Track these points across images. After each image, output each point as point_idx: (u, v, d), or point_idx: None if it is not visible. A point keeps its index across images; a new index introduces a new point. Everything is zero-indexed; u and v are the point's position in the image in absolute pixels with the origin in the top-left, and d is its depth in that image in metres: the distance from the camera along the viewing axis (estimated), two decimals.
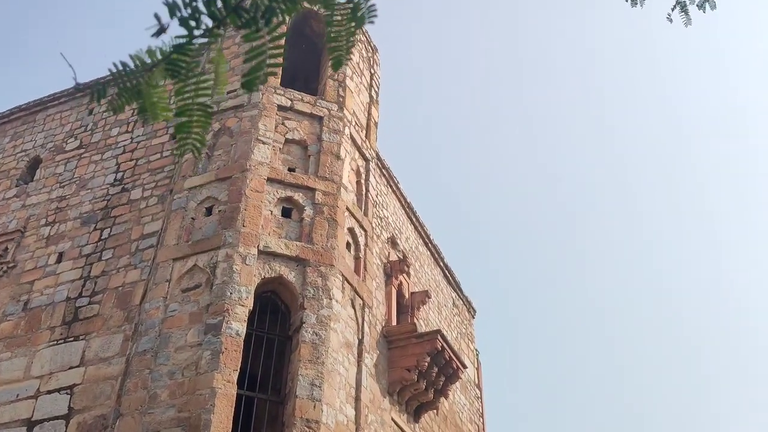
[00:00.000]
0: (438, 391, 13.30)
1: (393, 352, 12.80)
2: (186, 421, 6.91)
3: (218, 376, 7.10)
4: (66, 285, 9.75)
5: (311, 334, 7.87)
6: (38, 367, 9.13)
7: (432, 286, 15.94)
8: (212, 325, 7.46)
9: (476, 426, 17.18)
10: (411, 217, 15.44)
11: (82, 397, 8.62)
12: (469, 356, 17.24)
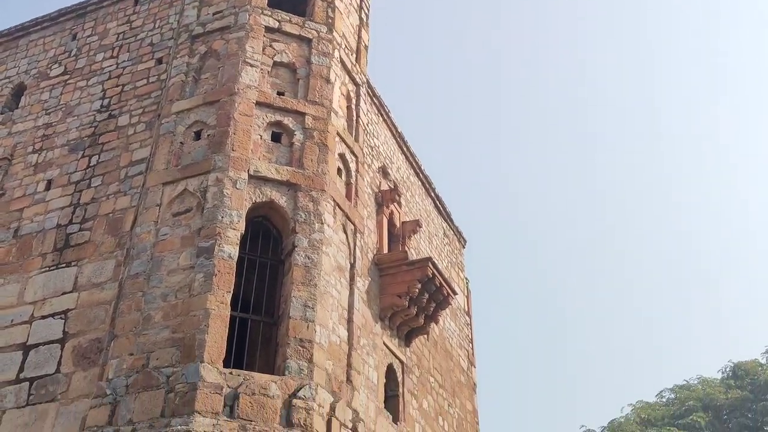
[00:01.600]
0: (428, 317, 13.50)
1: (384, 279, 12.92)
2: (180, 342, 6.99)
3: (211, 297, 7.16)
4: (56, 212, 9.71)
5: (303, 258, 7.90)
6: (31, 293, 9.17)
7: (423, 215, 15.99)
8: (204, 248, 7.47)
9: (466, 351, 17.51)
10: (402, 147, 15.36)
11: (77, 321, 8.70)
12: (459, 285, 17.44)
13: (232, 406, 6.65)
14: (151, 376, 6.78)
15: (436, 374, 15.20)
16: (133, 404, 6.68)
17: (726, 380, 20.97)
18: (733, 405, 19.21)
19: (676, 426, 18.46)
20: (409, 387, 13.52)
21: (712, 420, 18.89)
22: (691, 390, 21.02)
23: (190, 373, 6.67)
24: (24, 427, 8.22)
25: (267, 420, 6.70)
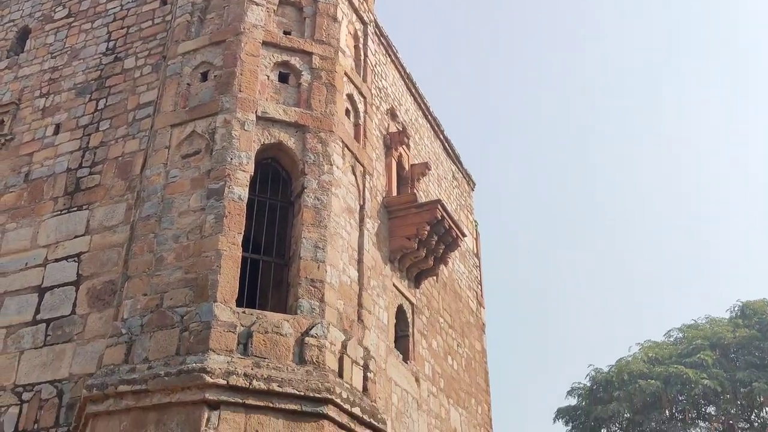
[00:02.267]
0: (438, 259, 13.58)
1: (393, 221, 12.97)
2: (193, 282, 7.07)
3: (223, 238, 7.20)
4: (65, 156, 9.74)
5: (313, 199, 7.91)
6: (44, 236, 9.26)
7: (432, 158, 15.93)
8: (214, 190, 7.49)
9: (474, 293, 17.67)
10: (410, 88, 15.21)
11: (90, 264, 8.81)
12: (468, 227, 17.48)
13: (246, 344, 6.76)
14: (166, 316, 6.88)
15: (446, 315, 15.38)
16: (148, 343, 6.80)
17: (734, 319, 21.10)
18: (741, 343, 19.39)
19: (683, 364, 18.67)
20: (418, 327, 13.70)
21: (719, 358, 19.08)
22: (699, 329, 21.18)
23: (203, 312, 6.77)
24: (42, 367, 8.41)
25: (280, 357, 6.82)
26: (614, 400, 18.94)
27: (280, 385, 6.56)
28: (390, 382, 12.08)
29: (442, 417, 14.27)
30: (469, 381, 16.48)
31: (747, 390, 18.31)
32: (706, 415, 20.56)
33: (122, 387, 6.47)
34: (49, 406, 8.08)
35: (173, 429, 6.26)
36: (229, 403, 6.36)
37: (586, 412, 20.41)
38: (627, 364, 20.28)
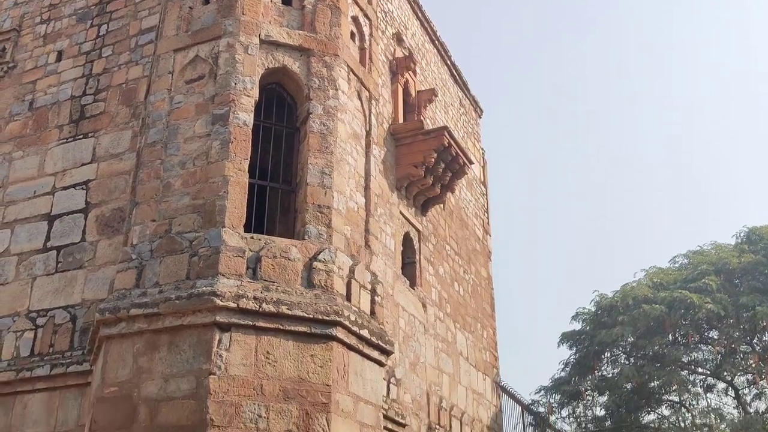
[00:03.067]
0: (444, 187, 13.58)
1: (400, 149, 12.91)
2: (201, 208, 7.11)
3: (229, 164, 7.20)
4: (69, 83, 9.66)
5: (319, 125, 7.86)
6: (51, 164, 9.28)
7: (439, 84, 15.74)
8: (219, 115, 7.44)
9: (481, 221, 17.73)
10: (416, 12, 14.90)
11: (98, 191, 8.85)
12: (475, 155, 17.41)
13: (255, 269, 6.84)
14: (175, 241, 6.95)
15: (452, 242, 15.48)
16: (158, 267, 6.88)
17: (740, 245, 21.05)
18: (746, 269, 19.41)
19: (688, 289, 18.75)
20: (425, 254, 13.81)
21: (723, 283, 19.14)
22: (704, 255, 21.17)
23: (212, 237, 6.82)
24: (54, 293, 8.55)
25: (289, 281, 6.90)
26: (618, 324, 19.10)
27: (289, 308, 6.66)
28: (397, 307, 12.26)
29: (449, 341, 14.53)
30: (475, 306, 16.72)
31: (750, 314, 18.45)
32: (709, 339, 20.81)
33: (134, 310, 6.59)
34: (63, 331, 8.25)
35: (186, 351, 6.40)
36: (239, 326, 6.47)
37: (590, 336, 20.64)
38: (632, 289, 20.37)
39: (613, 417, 22.32)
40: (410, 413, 11.84)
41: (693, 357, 21.34)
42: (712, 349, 21.02)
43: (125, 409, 6.34)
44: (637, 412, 22.08)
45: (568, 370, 22.17)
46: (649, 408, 22.37)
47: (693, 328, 19.58)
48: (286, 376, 6.50)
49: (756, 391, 21.93)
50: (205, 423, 6.05)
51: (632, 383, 19.77)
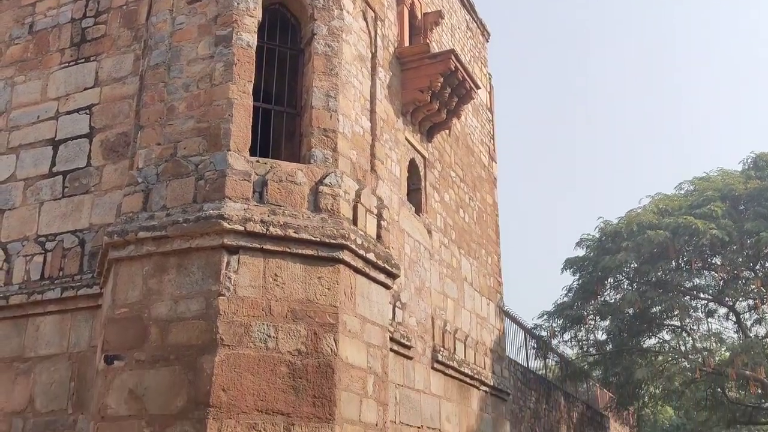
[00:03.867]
0: (450, 112, 13.44)
1: (406, 73, 12.72)
2: (206, 131, 7.06)
3: (233, 87, 7.12)
4: (68, 6, 9.46)
5: (323, 46, 7.73)
6: (54, 89, 9.19)
7: (445, 6, 15.39)
8: (222, 36, 7.31)
9: (487, 147, 17.64)
10: None
11: (102, 116, 8.79)
12: (482, 80, 17.16)
13: (261, 193, 6.85)
14: (180, 165, 6.93)
15: (458, 169, 15.44)
16: (165, 191, 6.89)
17: (746, 171, 20.97)
18: (751, 195, 19.38)
19: (693, 215, 18.77)
20: (431, 181, 13.79)
21: (728, 209, 19.15)
22: (710, 181, 21.11)
23: (217, 161, 6.81)
24: (62, 218, 8.60)
25: (295, 205, 6.92)
26: (622, 250, 19.21)
27: (296, 231, 6.69)
28: (403, 233, 12.32)
29: (454, 266, 14.66)
30: (480, 233, 16.80)
31: (754, 240, 18.53)
32: (712, 265, 20.97)
33: (142, 233, 6.63)
34: (72, 255, 8.33)
35: (194, 273, 6.47)
36: (247, 248, 6.52)
37: (593, 262, 20.81)
38: (636, 215, 20.40)
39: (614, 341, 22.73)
40: (415, 336, 12.05)
41: (695, 283, 21.56)
42: (714, 274, 21.21)
43: (136, 329, 6.46)
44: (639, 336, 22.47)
45: (571, 295, 22.45)
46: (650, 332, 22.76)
47: (696, 254, 19.71)
48: (294, 297, 6.58)
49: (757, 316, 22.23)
50: (215, 342, 6.17)
51: (634, 308, 20.03)
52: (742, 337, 21.06)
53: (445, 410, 13.00)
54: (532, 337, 22.08)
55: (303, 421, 6.23)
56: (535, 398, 19.46)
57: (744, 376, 19.67)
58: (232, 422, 5.99)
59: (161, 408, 6.10)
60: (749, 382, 19.77)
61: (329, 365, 6.50)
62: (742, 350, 18.99)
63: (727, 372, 19.18)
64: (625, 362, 21.91)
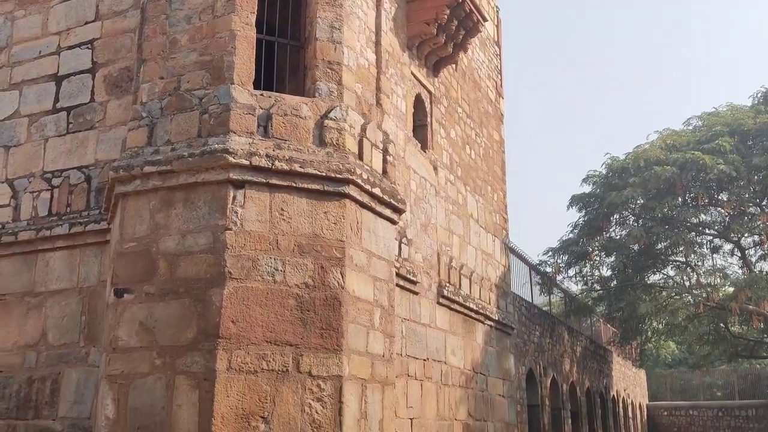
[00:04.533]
0: (457, 45, 13.22)
1: (411, 5, 12.47)
2: (209, 65, 6.98)
3: (236, 18, 6.99)
4: None
5: None
6: (54, 23, 9.05)
7: None
8: None
9: (494, 82, 17.43)
10: None
11: (104, 51, 8.68)
12: (489, 13, 16.84)
13: (266, 127, 6.80)
14: (184, 99, 6.87)
15: (464, 105, 15.28)
16: (169, 125, 6.85)
17: (756, 106, 20.73)
18: (761, 130, 19.20)
19: (701, 151, 18.65)
20: (437, 117, 13.67)
21: (737, 144, 19.02)
22: (719, 116, 20.90)
23: (221, 94, 6.74)
24: (67, 154, 8.59)
25: (300, 139, 6.88)
26: (629, 186, 19.18)
27: (302, 165, 6.67)
28: (408, 169, 12.29)
29: (459, 203, 14.67)
30: (486, 170, 16.75)
31: (762, 175, 18.46)
32: (718, 201, 20.94)
33: (148, 168, 6.62)
34: (79, 191, 8.35)
35: (201, 207, 6.48)
36: (253, 183, 6.52)
37: (600, 198, 20.80)
38: (644, 151, 20.29)
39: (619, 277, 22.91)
40: (421, 272, 12.15)
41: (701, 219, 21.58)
42: (721, 211, 21.19)
43: (145, 263, 6.51)
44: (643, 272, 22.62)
45: (577, 232, 22.53)
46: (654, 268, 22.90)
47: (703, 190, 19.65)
48: (301, 232, 6.61)
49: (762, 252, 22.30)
50: (223, 275, 6.22)
51: (639, 244, 20.12)
52: (747, 273, 21.16)
53: (450, 344, 13.20)
54: (537, 273, 22.24)
55: (311, 351, 6.33)
56: (539, 333, 19.72)
57: (747, 311, 19.86)
58: (242, 353, 6.09)
59: (172, 339, 6.20)
60: (752, 317, 19.98)
61: (336, 298, 6.57)
62: (746, 285, 19.11)
63: (730, 307, 19.36)
64: (629, 298, 22.12)
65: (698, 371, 37.59)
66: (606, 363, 29.13)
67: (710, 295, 19.88)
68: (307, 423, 6.14)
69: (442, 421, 12.36)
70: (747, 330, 24.86)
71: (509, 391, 16.37)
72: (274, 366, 6.17)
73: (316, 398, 6.23)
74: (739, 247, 22.04)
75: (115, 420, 6.19)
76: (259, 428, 5.97)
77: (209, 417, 5.87)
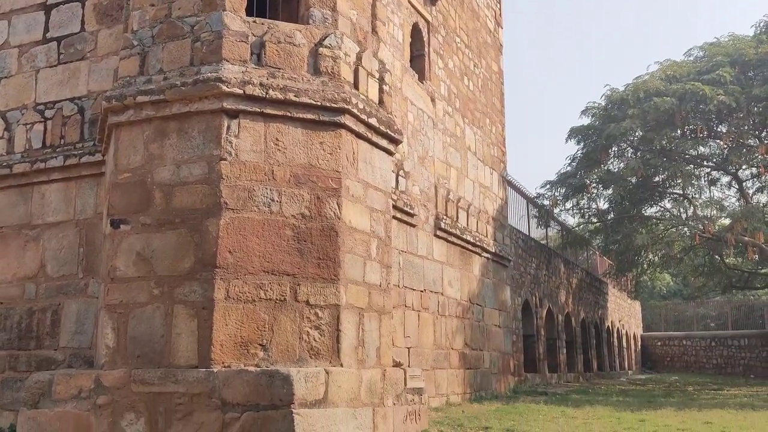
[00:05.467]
0: None
1: None
2: None
3: None
4: None
5: None
6: None
7: None
8: None
9: (493, 11, 17.10)
10: None
11: None
12: None
13: (259, 55, 6.68)
14: (176, 26, 6.72)
15: (462, 34, 15.03)
16: (161, 54, 6.72)
17: (758, 36, 20.40)
18: (762, 60, 18.94)
19: (701, 81, 18.45)
20: (434, 47, 13.45)
21: (737, 75, 18.81)
22: (720, 47, 20.59)
23: (213, 21, 6.59)
24: (59, 85, 8.47)
25: (295, 68, 6.76)
26: (628, 118, 19.05)
27: (296, 95, 6.58)
28: (406, 101, 12.16)
29: (457, 135, 14.58)
30: (485, 101, 16.59)
31: (762, 106, 18.31)
32: (718, 133, 20.85)
33: (141, 98, 6.53)
34: (72, 123, 8.27)
35: (195, 137, 6.42)
36: (247, 112, 6.44)
37: (598, 130, 20.69)
38: (644, 82, 20.07)
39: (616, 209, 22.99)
40: (418, 204, 12.16)
41: (700, 151, 21.53)
42: (719, 143, 21.12)
43: (140, 193, 6.49)
44: (640, 204, 22.70)
45: (575, 164, 22.49)
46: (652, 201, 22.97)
47: (702, 122, 19.54)
48: (297, 162, 6.56)
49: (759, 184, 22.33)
50: (219, 206, 6.21)
51: (637, 176, 20.11)
52: (744, 204, 21.22)
53: (447, 275, 13.32)
54: (535, 206, 22.30)
55: (308, 281, 6.37)
56: (535, 265, 19.89)
57: (742, 242, 20.01)
58: (240, 282, 6.13)
59: (169, 269, 6.22)
60: (747, 248, 20.14)
61: (333, 228, 6.58)
62: (743, 216, 19.19)
63: (725, 238, 19.49)
64: (625, 230, 22.24)
65: (692, 302, 38.13)
66: (601, 294, 29.51)
67: (706, 226, 19.99)
68: (306, 350, 6.23)
69: (439, 350, 12.57)
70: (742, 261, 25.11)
71: (505, 321, 16.61)
72: (272, 295, 6.22)
73: (314, 326, 6.30)
74: (737, 179, 22.05)
75: (115, 349, 6.28)
76: (258, 355, 6.06)
77: (208, 345, 5.95)
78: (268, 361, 6.07)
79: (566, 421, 9.86)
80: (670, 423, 9.80)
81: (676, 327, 40.05)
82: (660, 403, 13.79)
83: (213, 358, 5.93)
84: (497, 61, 17.85)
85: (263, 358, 6.07)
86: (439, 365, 12.47)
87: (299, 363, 6.15)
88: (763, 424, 9.91)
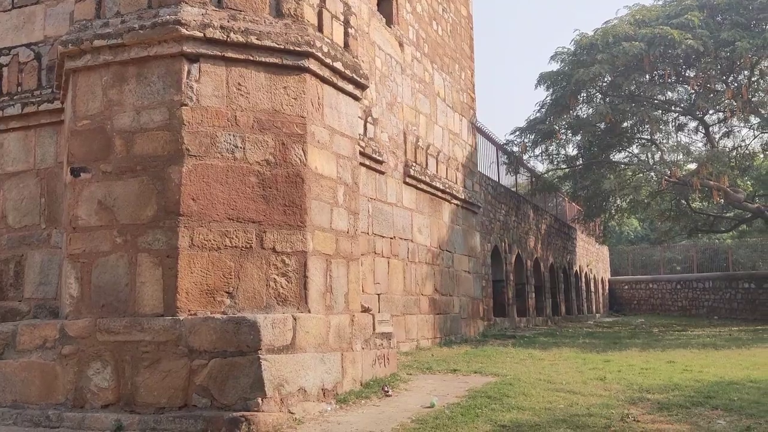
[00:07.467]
0: None
1: None
2: None
3: None
4: None
5: None
6: None
7: None
8: None
9: None
10: None
11: None
12: None
13: None
14: None
15: None
16: None
17: None
18: (730, 4, 18.89)
19: (670, 25, 18.40)
20: None
21: (706, 19, 18.79)
22: None
23: None
24: (15, 30, 8.19)
25: (257, 10, 6.59)
26: (597, 63, 19.00)
27: (258, 38, 6.42)
28: (373, 46, 11.98)
29: (426, 81, 14.46)
30: (454, 47, 16.42)
31: (729, 50, 18.36)
32: (686, 79, 20.92)
33: (98, 42, 6.33)
34: (29, 69, 8.03)
35: (155, 82, 6.26)
36: (208, 56, 6.28)
37: (567, 76, 20.64)
38: (613, 27, 19.96)
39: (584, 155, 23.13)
40: (387, 151, 12.10)
41: (668, 97, 21.62)
42: (687, 88, 21.21)
43: (100, 141, 6.34)
44: (609, 150, 22.85)
45: (544, 111, 22.49)
46: (620, 147, 23.13)
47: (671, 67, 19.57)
48: (260, 107, 6.45)
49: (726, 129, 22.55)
50: (181, 153, 6.10)
51: (606, 122, 20.18)
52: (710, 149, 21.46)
53: (417, 222, 13.36)
54: (504, 153, 22.33)
55: (275, 228, 6.33)
56: (504, 211, 20.02)
57: (708, 186, 20.29)
58: (204, 230, 6.07)
59: (132, 218, 6.13)
60: (713, 192, 20.44)
61: (299, 175, 6.51)
62: (708, 160, 19.43)
63: (691, 182, 19.75)
64: (594, 176, 22.42)
65: (659, 247, 38.80)
66: (570, 240, 29.89)
67: (673, 171, 20.21)
68: (273, 297, 6.22)
69: (409, 296, 12.68)
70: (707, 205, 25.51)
71: (475, 267, 16.78)
72: (238, 243, 6.17)
73: (280, 273, 6.29)
74: (704, 124, 22.23)
75: (80, 298, 6.21)
76: (225, 303, 6.04)
77: (174, 293, 5.91)
78: (235, 308, 6.06)
79: (533, 363, 10.06)
80: (634, 363, 10.05)
81: (643, 271, 40.84)
82: (625, 344, 14.13)
83: (179, 306, 5.90)
84: (466, 5, 17.62)
85: (230, 306, 6.06)
86: (409, 311, 12.60)
87: (266, 310, 6.15)
88: (723, 362, 10.21)
